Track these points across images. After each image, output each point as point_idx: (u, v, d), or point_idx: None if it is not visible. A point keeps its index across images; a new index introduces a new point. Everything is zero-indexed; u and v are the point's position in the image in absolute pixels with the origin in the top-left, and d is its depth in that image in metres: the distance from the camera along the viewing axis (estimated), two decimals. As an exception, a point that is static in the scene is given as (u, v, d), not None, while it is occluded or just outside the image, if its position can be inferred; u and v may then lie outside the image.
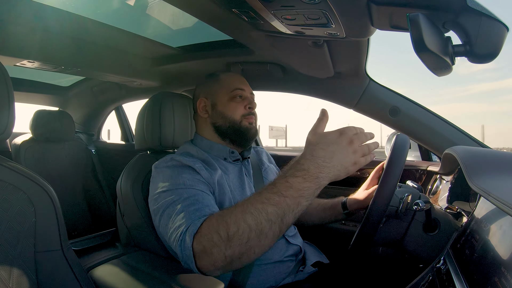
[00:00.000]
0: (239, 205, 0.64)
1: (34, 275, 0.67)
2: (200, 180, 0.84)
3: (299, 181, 0.62)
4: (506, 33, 0.56)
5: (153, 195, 0.84)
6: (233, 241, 0.61)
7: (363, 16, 0.73)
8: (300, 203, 0.62)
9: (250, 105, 0.98)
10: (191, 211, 0.72)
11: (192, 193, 0.78)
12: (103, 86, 2.02)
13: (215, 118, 0.99)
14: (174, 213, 0.75)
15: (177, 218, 0.73)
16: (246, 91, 1.00)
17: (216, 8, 0.80)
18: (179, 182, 0.81)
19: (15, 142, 1.92)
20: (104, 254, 1.05)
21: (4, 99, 0.68)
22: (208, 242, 0.63)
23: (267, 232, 0.61)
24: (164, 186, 0.82)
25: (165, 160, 0.90)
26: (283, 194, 0.61)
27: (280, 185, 0.62)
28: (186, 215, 0.72)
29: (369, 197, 1.02)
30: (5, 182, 0.67)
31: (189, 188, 0.80)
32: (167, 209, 0.78)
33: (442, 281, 0.57)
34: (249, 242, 0.61)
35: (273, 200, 0.61)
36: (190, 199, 0.76)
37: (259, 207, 0.61)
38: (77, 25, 1.10)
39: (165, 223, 0.76)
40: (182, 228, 0.69)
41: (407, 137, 0.83)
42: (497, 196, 0.50)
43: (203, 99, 1.01)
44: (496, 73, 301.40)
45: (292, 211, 0.62)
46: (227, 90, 0.98)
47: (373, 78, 1.24)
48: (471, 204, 0.90)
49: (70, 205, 2.03)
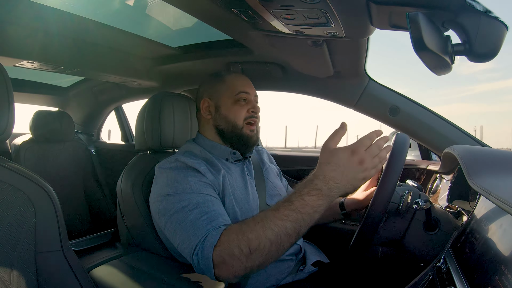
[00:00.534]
0: (259, 221, 0.68)
1: (34, 275, 0.67)
2: (206, 182, 0.84)
3: (314, 199, 0.67)
4: (505, 32, 0.56)
5: (158, 197, 0.84)
6: (255, 254, 0.66)
7: (363, 16, 0.73)
8: (314, 217, 0.68)
9: (253, 109, 0.97)
10: (205, 220, 0.74)
11: (202, 200, 0.79)
12: (102, 87, 2.02)
13: (218, 121, 0.98)
14: (185, 220, 0.75)
15: (189, 226, 0.74)
16: (250, 94, 0.99)
17: (215, 8, 0.80)
18: (186, 186, 0.81)
19: (15, 142, 1.92)
20: (104, 255, 1.05)
21: (4, 100, 0.68)
22: (229, 256, 0.67)
23: (285, 244, 0.67)
24: (170, 190, 0.82)
25: (170, 160, 0.89)
26: (300, 212, 0.67)
27: (297, 203, 0.67)
28: (200, 225, 0.74)
29: (367, 198, 1.02)
30: (5, 182, 0.67)
31: (197, 193, 0.80)
32: (175, 214, 0.78)
33: (443, 280, 0.56)
34: (269, 254, 0.66)
35: (292, 217, 0.66)
36: (200, 207, 0.77)
37: (278, 223, 0.66)
38: (76, 25, 1.10)
39: (173, 228, 0.77)
40: (199, 239, 0.71)
41: (407, 136, 0.83)
42: (497, 195, 0.50)
43: (207, 100, 1.00)
44: (498, 73, 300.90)
45: (307, 225, 0.68)
46: (232, 93, 0.97)
47: (373, 78, 1.24)
48: (471, 203, 0.90)
49: (70, 206, 2.03)
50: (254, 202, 0.93)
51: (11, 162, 0.71)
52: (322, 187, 0.67)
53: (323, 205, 0.67)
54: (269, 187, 1.02)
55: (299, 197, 0.68)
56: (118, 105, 2.31)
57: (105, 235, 1.70)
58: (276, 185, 1.05)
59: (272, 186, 1.03)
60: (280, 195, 1.03)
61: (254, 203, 0.93)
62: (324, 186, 0.67)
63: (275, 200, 1.00)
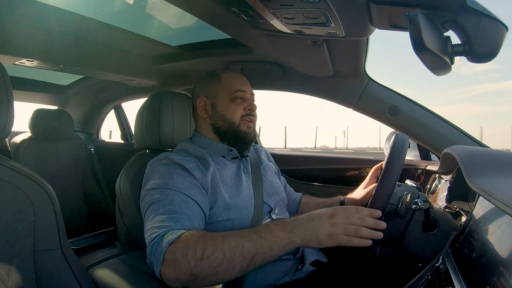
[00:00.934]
0: (222, 233, 0.69)
1: (33, 274, 0.67)
2: (191, 182, 0.84)
3: (278, 229, 0.69)
4: (505, 32, 0.56)
5: (143, 191, 0.86)
6: (204, 262, 0.65)
7: (363, 15, 0.73)
8: (272, 249, 0.68)
9: (250, 107, 0.97)
10: (172, 219, 0.75)
11: (178, 199, 0.79)
12: (102, 85, 2.02)
13: (215, 119, 0.98)
14: (156, 212, 0.77)
15: (156, 219, 0.75)
16: (247, 92, 0.99)
17: (215, 7, 0.80)
18: (168, 182, 0.82)
19: (14, 141, 1.92)
20: (103, 253, 1.05)
21: (3, 98, 0.68)
22: (181, 255, 0.66)
23: (235, 264, 0.66)
24: (153, 184, 0.83)
25: (160, 158, 0.90)
26: (261, 236, 0.68)
27: (262, 228, 0.71)
28: (166, 220, 0.74)
29: (367, 195, 1.02)
30: (4, 181, 0.67)
31: (176, 190, 0.81)
32: (150, 206, 0.80)
33: (441, 280, 0.57)
34: (217, 268, 0.65)
35: (252, 238, 0.68)
36: (173, 205, 0.78)
37: (238, 240, 0.67)
38: (76, 24, 1.09)
39: (146, 218, 0.79)
40: (160, 232, 0.72)
41: (406, 136, 0.83)
42: (496, 195, 0.50)
43: (203, 98, 1.00)
44: (500, 74, 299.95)
45: (263, 253, 0.67)
46: (228, 92, 0.97)
47: (373, 78, 1.24)
48: (470, 203, 0.90)
49: (69, 204, 2.03)
50: (249, 200, 0.93)
51: (10, 160, 0.71)
52: (289, 222, 0.71)
53: (283, 239, 0.68)
54: (266, 185, 1.02)
55: (266, 225, 0.72)
56: (117, 104, 2.31)
57: (104, 234, 1.70)
58: (274, 183, 1.05)
59: (269, 184, 1.03)
60: (278, 193, 1.04)
61: (249, 201, 0.93)
62: (292, 221, 0.70)
63: (273, 198, 1.00)
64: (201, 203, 0.83)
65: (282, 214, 1.02)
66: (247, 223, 0.90)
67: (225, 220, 0.87)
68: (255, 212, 0.93)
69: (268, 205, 0.98)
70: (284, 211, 1.05)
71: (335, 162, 1.58)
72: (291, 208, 1.17)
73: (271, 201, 0.99)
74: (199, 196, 0.83)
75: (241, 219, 0.89)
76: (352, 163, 1.53)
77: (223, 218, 0.87)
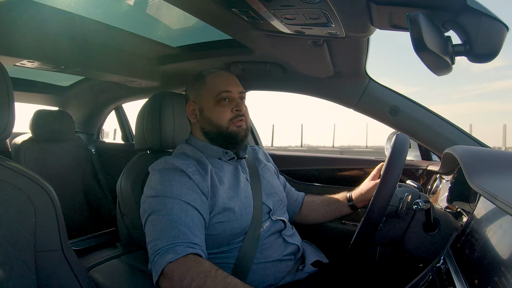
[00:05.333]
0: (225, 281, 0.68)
1: (34, 275, 0.67)
2: (190, 188, 0.84)
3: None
4: (506, 32, 0.56)
5: (143, 198, 0.86)
6: None
7: (363, 16, 0.73)
8: None
9: (237, 107, 0.94)
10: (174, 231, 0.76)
11: (177, 207, 0.80)
12: (103, 86, 2.02)
13: (203, 124, 0.96)
14: (156, 223, 0.78)
15: (158, 231, 0.77)
16: (233, 92, 0.95)
17: (216, 7, 0.80)
18: (167, 190, 0.82)
19: (15, 142, 1.92)
20: (104, 254, 1.05)
21: (4, 99, 0.68)
22: (178, 279, 0.69)
23: None
24: (152, 191, 0.84)
25: (159, 162, 0.90)
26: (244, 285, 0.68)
27: None
28: (168, 233, 0.76)
29: (374, 187, 1.00)
30: (5, 182, 0.67)
31: (175, 198, 0.81)
32: (150, 216, 0.80)
33: (442, 281, 0.57)
34: None
35: None
36: (173, 214, 0.78)
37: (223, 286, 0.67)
38: (77, 25, 1.10)
39: (147, 229, 0.80)
40: (163, 245, 0.74)
41: (407, 137, 0.83)
42: (497, 195, 0.50)
43: (192, 103, 0.98)
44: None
45: None
46: (212, 94, 0.94)
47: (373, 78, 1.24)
48: (471, 203, 0.90)
49: (70, 205, 2.03)
50: (248, 201, 0.93)
51: (11, 161, 0.71)
52: None
53: None
54: (264, 186, 1.01)
55: None
56: (118, 105, 2.31)
57: (105, 235, 1.69)
58: (273, 183, 1.05)
59: (268, 185, 1.03)
60: (277, 193, 1.03)
61: (248, 202, 0.93)
62: None
63: (271, 199, 1.00)
64: (201, 209, 0.83)
65: (281, 215, 1.01)
66: (246, 224, 0.90)
67: (224, 221, 0.87)
68: (254, 213, 0.92)
69: (267, 205, 0.97)
70: (284, 211, 1.05)
71: (336, 162, 1.58)
72: (293, 208, 1.16)
73: (270, 201, 0.99)
74: (199, 202, 0.83)
75: (240, 221, 0.89)
76: (353, 163, 1.53)
77: (222, 220, 0.87)
